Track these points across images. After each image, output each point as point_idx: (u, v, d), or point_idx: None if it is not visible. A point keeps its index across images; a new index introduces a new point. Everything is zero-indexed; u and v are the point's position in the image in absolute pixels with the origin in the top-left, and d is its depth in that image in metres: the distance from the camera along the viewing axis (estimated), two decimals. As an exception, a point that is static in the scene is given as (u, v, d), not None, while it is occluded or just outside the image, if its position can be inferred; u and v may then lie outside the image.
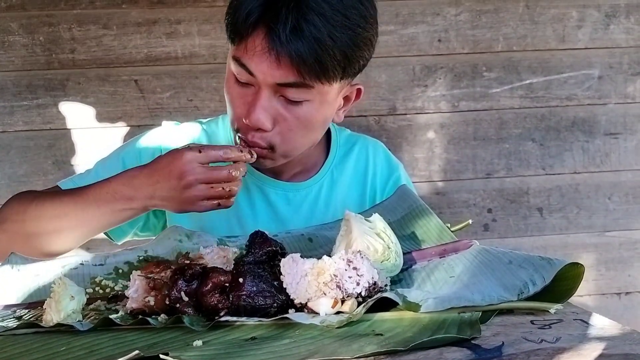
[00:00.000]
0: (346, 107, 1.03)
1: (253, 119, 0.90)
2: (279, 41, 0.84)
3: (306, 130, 0.96)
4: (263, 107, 0.90)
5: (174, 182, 0.86)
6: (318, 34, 0.84)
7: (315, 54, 0.85)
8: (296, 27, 0.84)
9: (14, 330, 0.67)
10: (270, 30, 0.85)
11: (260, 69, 0.88)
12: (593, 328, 0.60)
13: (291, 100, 0.91)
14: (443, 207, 1.80)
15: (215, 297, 0.68)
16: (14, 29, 1.63)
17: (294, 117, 0.92)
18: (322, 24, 0.84)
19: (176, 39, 1.67)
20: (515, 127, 1.80)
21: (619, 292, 1.87)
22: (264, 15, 0.85)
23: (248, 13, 0.86)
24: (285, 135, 0.94)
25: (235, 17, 0.88)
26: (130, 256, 0.89)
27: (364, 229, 0.78)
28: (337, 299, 0.66)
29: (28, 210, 0.93)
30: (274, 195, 1.09)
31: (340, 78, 0.92)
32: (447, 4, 1.74)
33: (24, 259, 0.88)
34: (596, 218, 1.84)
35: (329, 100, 0.95)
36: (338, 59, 0.87)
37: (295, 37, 0.84)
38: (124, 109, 1.68)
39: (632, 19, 1.79)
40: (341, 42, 0.86)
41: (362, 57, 0.93)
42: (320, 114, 0.95)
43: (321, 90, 0.91)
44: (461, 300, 0.64)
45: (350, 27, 0.87)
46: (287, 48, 0.84)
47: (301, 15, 0.84)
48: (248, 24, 0.86)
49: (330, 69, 0.87)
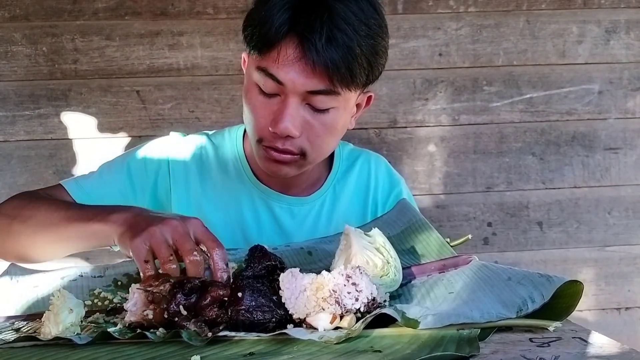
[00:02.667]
0: (357, 115, 1.06)
1: (281, 127, 0.91)
2: (315, 50, 0.87)
3: (331, 136, 0.98)
4: (291, 115, 0.91)
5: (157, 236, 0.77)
6: (350, 42, 0.88)
7: (347, 62, 0.88)
8: (330, 37, 0.87)
9: (12, 343, 0.67)
10: (304, 40, 0.87)
11: (290, 77, 0.89)
12: (592, 346, 0.60)
13: (318, 109, 0.93)
14: (443, 220, 1.80)
15: (213, 311, 0.68)
16: (17, 39, 1.64)
17: (321, 123, 0.95)
18: (352, 33, 0.88)
19: (178, 51, 1.68)
20: (516, 141, 1.80)
21: (619, 307, 1.86)
22: (296, 24, 0.88)
23: (280, 24, 0.88)
24: (314, 142, 0.96)
25: (265, 28, 0.89)
26: (130, 268, 0.89)
27: (363, 244, 0.78)
28: (336, 315, 0.65)
29: (23, 210, 0.93)
30: (278, 209, 1.10)
31: (363, 85, 0.96)
32: (448, 18, 1.75)
33: (23, 270, 0.88)
34: (596, 233, 1.84)
35: (350, 106, 0.99)
36: (364, 67, 0.91)
37: (330, 46, 0.87)
38: (126, 119, 1.69)
39: (632, 34, 1.80)
40: (366, 50, 0.91)
41: (381, 65, 0.97)
42: (342, 119, 0.98)
43: (346, 97, 0.95)
44: (460, 317, 0.64)
45: (372, 37, 0.91)
46: (322, 57, 0.87)
47: (334, 25, 0.87)
48: (280, 35, 0.88)
49: (358, 76, 0.91)
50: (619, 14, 1.79)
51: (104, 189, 1.04)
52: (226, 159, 1.12)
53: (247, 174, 1.10)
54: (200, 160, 1.11)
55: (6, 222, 0.94)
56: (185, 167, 1.10)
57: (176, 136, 1.15)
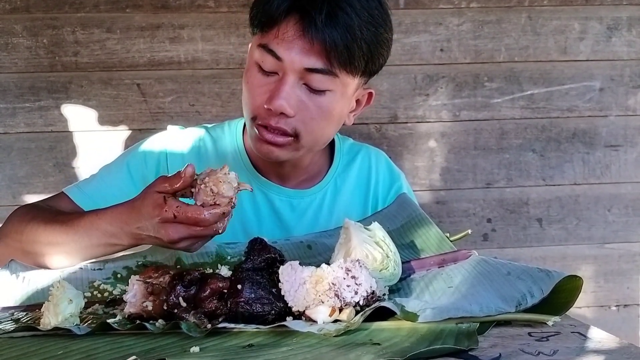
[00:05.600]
0: (357, 111, 1.06)
1: (276, 104, 0.91)
2: (314, 26, 0.88)
3: (326, 121, 0.98)
4: (287, 93, 0.92)
5: (152, 221, 0.80)
6: (350, 22, 0.89)
7: (346, 41, 0.89)
8: (331, 14, 0.88)
9: (11, 333, 0.67)
10: (305, 16, 0.89)
11: (289, 53, 0.90)
12: (591, 341, 0.60)
13: (314, 90, 0.93)
14: (443, 216, 1.80)
15: (213, 303, 0.68)
16: (18, 31, 1.63)
17: (316, 105, 0.95)
18: (353, 15, 0.89)
19: (179, 44, 1.68)
20: (516, 137, 1.80)
21: (618, 304, 1.87)
22: (298, 1, 0.89)
23: (282, 0, 0.89)
24: (308, 124, 0.96)
25: (268, 5, 0.91)
26: (130, 262, 0.90)
27: (363, 238, 0.78)
28: (335, 308, 0.66)
29: (25, 232, 0.93)
30: (278, 201, 1.10)
31: (361, 72, 0.96)
32: (450, 13, 1.74)
33: (24, 267, 0.88)
34: (595, 230, 1.84)
35: (348, 94, 0.98)
36: (364, 51, 0.92)
37: (330, 23, 0.88)
38: (126, 112, 1.69)
39: (633, 31, 1.79)
40: (367, 36, 0.91)
41: (382, 57, 0.97)
42: (339, 106, 0.98)
43: (344, 81, 0.95)
44: (459, 311, 0.64)
45: (374, 25, 0.92)
46: (321, 33, 0.88)
47: (336, 4, 0.88)
48: (281, 10, 0.90)
49: (357, 59, 0.92)
50: (621, 11, 1.78)
51: (106, 191, 1.04)
52: (225, 151, 1.12)
53: (247, 166, 1.10)
54: (198, 152, 1.11)
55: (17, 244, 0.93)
56: (183, 159, 1.10)
57: (174, 129, 1.15)
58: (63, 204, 1.02)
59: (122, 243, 0.86)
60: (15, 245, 0.93)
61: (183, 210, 0.76)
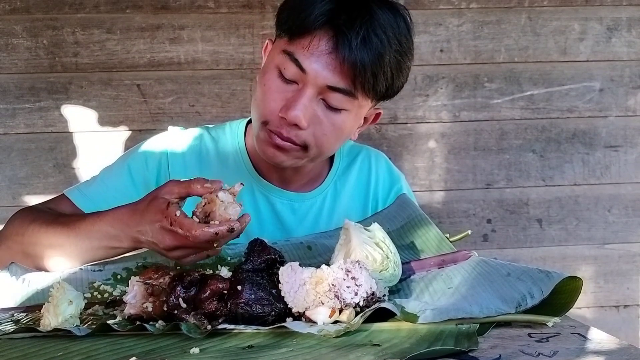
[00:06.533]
0: (362, 128, 1.06)
1: (291, 115, 0.91)
2: (348, 46, 0.87)
3: (336, 138, 0.98)
4: (304, 105, 0.91)
5: (152, 225, 0.79)
6: (382, 49, 0.89)
7: (374, 67, 0.89)
8: (366, 38, 0.88)
9: (11, 334, 0.67)
10: (339, 34, 0.88)
11: (315, 67, 0.90)
12: (591, 342, 0.60)
13: (331, 107, 0.93)
14: (443, 216, 1.80)
15: (213, 304, 0.68)
16: (18, 32, 1.64)
17: (330, 122, 0.94)
18: (386, 42, 0.89)
19: (179, 45, 1.68)
20: (516, 138, 1.80)
21: (617, 305, 1.87)
22: (335, 18, 0.88)
23: (320, 13, 0.88)
24: (318, 139, 0.95)
25: (304, 14, 0.90)
26: (129, 263, 0.90)
27: (363, 238, 0.78)
28: (335, 309, 0.66)
29: (26, 234, 0.93)
30: (279, 204, 1.09)
31: (380, 97, 0.97)
32: (450, 14, 1.75)
33: (24, 269, 0.88)
34: (595, 230, 1.84)
35: (361, 114, 0.99)
36: (387, 77, 0.92)
37: (363, 47, 0.88)
38: (126, 113, 1.69)
39: (633, 32, 1.79)
40: (393, 63, 0.92)
41: (402, 82, 0.98)
42: (350, 125, 0.98)
43: (361, 103, 0.95)
44: (459, 312, 0.64)
45: (400, 53, 0.93)
46: (354, 55, 0.88)
47: (372, 29, 0.88)
48: (317, 23, 0.88)
49: (380, 84, 0.92)
50: (621, 12, 1.78)
51: (107, 193, 1.04)
52: (226, 152, 1.12)
53: (248, 168, 1.10)
54: (199, 153, 1.11)
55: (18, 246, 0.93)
56: (184, 160, 1.09)
57: (175, 130, 1.15)
58: (64, 206, 1.02)
59: (122, 246, 0.86)
60: (16, 247, 0.93)
61: (179, 221, 0.75)
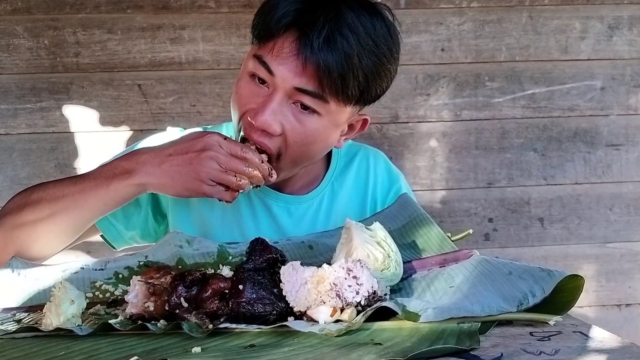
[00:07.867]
0: (349, 136, 1.03)
1: (260, 120, 0.88)
2: (310, 47, 0.84)
3: (309, 145, 0.94)
4: (273, 110, 0.89)
5: (192, 154, 0.87)
6: (349, 50, 0.85)
7: (341, 68, 0.85)
8: (329, 38, 0.84)
9: (13, 333, 0.67)
10: (302, 35, 0.85)
11: (282, 70, 0.87)
12: (592, 341, 0.60)
13: (302, 110, 0.90)
14: (444, 215, 1.80)
15: (214, 304, 0.68)
16: (19, 32, 1.64)
17: (302, 127, 0.91)
18: (354, 42, 0.85)
19: (180, 45, 1.68)
20: (517, 137, 1.80)
21: (619, 303, 1.87)
22: (299, 19, 0.86)
23: (283, 14, 0.86)
24: (290, 146, 0.92)
25: (269, 16, 0.88)
26: (131, 261, 0.89)
27: (364, 238, 0.78)
28: (337, 308, 0.66)
29: (31, 197, 0.92)
30: (276, 207, 1.08)
31: (355, 102, 0.92)
32: (451, 13, 1.74)
33: (25, 264, 0.88)
34: (597, 229, 1.84)
35: (338, 123, 0.95)
36: (359, 81, 0.88)
37: (326, 47, 0.84)
38: (127, 113, 1.69)
39: (635, 30, 1.79)
40: (366, 65, 0.87)
41: (380, 87, 0.94)
42: (325, 134, 0.94)
43: (335, 109, 0.91)
44: (460, 311, 0.64)
45: (377, 55, 0.88)
46: (316, 56, 0.84)
47: (337, 28, 0.85)
48: (281, 25, 0.86)
49: (350, 88, 0.88)
50: (622, 10, 1.78)
51: None
52: None
53: None
54: None
55: (14, 218, 0.92)
56: None
57: (174, 130, 1.15)
58: None
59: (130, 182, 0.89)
60: (10, 221, 0.92)
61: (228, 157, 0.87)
